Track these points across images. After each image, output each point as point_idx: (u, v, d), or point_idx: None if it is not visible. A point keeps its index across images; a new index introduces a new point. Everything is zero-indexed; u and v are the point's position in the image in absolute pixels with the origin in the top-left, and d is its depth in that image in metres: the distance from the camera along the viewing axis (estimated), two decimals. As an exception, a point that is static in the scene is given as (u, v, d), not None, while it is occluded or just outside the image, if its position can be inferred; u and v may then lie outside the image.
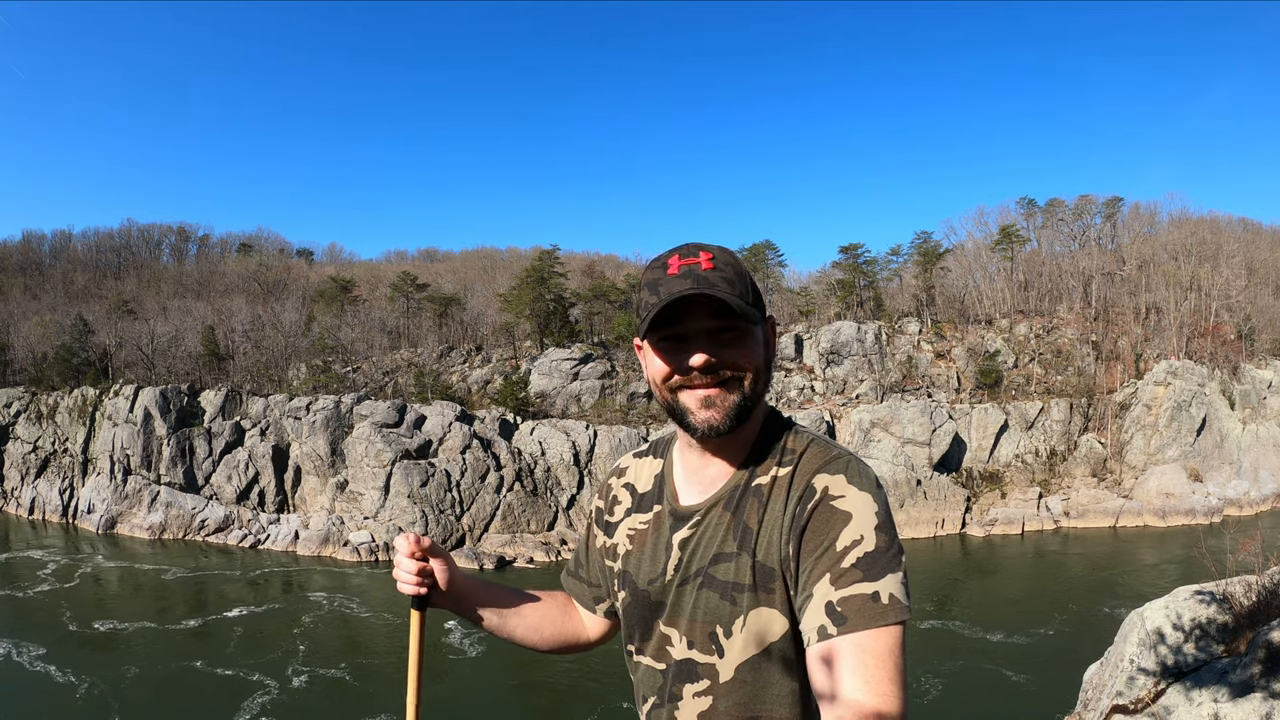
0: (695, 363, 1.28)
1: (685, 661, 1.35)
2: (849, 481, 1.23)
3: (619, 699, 21.37)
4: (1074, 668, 8.25)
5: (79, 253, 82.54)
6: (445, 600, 1.55)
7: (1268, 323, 52.61)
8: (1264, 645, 5.17)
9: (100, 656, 26.18)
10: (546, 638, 1.65)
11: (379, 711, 21.77)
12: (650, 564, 1.43)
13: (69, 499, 45.13)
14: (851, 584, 1.14)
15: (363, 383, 48.60)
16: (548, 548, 38.26)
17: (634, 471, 1.59)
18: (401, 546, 1.51)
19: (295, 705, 22.53)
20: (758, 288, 1.36)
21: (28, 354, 53.52)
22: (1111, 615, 26.26)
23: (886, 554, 1.16)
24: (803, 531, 1.22)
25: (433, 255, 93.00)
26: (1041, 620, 28.17)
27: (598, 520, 1.63)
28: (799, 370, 49.95)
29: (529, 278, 52.12)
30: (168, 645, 27.36)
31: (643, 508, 1.51)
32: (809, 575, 1.19)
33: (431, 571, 1.51)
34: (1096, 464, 44.17)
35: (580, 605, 1.70)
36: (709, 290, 1.24)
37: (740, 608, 1.28)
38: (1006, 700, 21.66)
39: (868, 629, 1.11)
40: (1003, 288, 56.51)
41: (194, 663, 25.61)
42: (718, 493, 1.37)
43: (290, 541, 39.62)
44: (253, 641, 27.64)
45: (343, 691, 23.45)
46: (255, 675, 24.56)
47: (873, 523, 1.18)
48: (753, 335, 1.33)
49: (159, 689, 23.72)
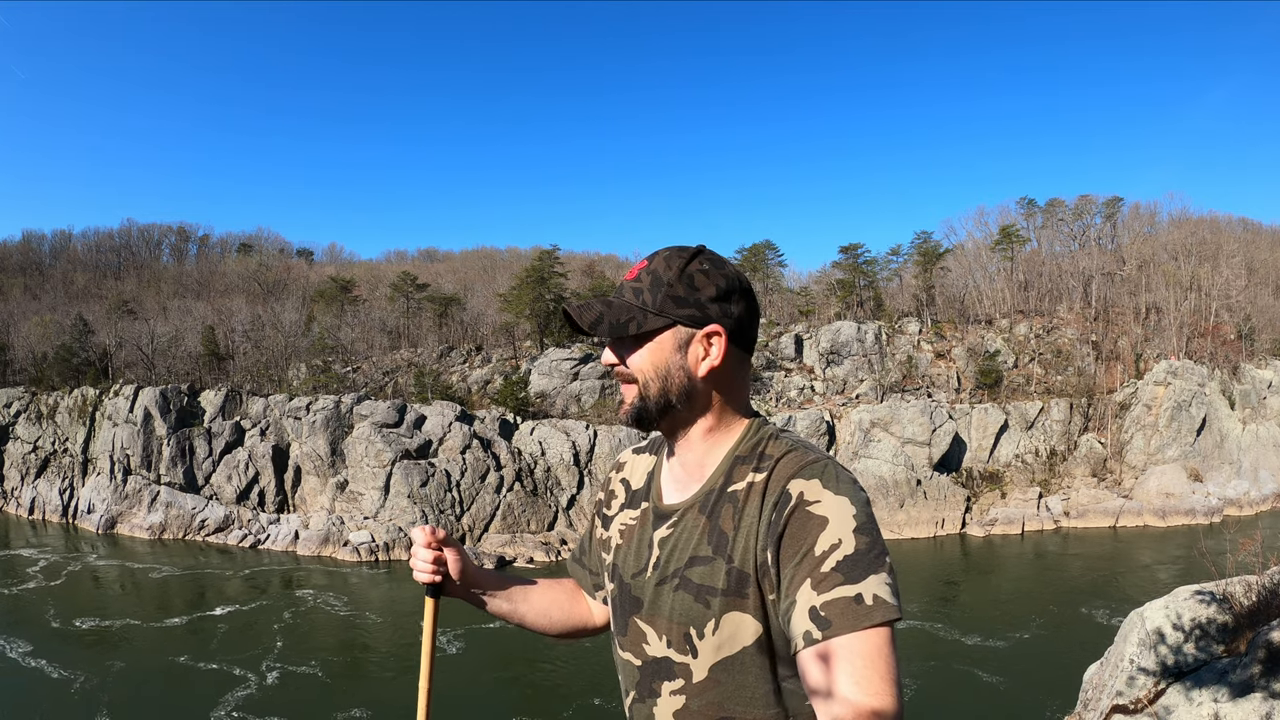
0: (603, 360, 1.46)
1: (663, 659, 1.38)
2: (824, 486, 1.23)
3: (592, 694, 21.41)
4: (1074, 668, 8.25)
5: (79, 253, 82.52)
6: (458, 589, 1.62)
7: (1268, 323, 52.62)
8: (1264, 645, 5.17)
9: (88, 652, 26.34)
10: (555, 622, 1.71)
11: (376, 707, 21.82)
12: (635, 560, 1.47)
13: (69, 499, 45.13)
14: (833, 588, 1.14)
15: (363, 383, 48.61)
16: (548, 548, 38.25)
17: (631, 467, 1.63)
18: (418, 537, 1.58)
19: (286, 700, 22.57)
20: (682, 293, 1.36)
21: (28, 354, 53.52)
22: (1111, 615, 26.30)
23: (867, 556, 1.16)
24: (780, 538, 1.22)
25: (433, 255, 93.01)
26: (1041, 620, 28.17)
27: (598, 512, 1.69)
28: (799, 370, 49.96)
29: (529, 278, 52.15)
30: (157, 642, 27.50)
31: (634, 503, 1.56)
32: (790, 582, 1.19)
33: (445, 561, 1.58)
34: (1096, 464, 44.18)
35: (583, 590, 1.76)
36: (571, 305, 1.41)
37: (713, 611, 1.29)
38: (1006, 700, 21.67)
39: (853, 631, 1.11)
40: (1003, 288, 56.52)
41: (179, 658, 25.84)
42: (694, 495, 1.40)
43: (290, 541, 39.62)
44: (241, 638, 27.71)
45: (337, 688, 23.47)
46: (238, 670, 24.72)
47: (850, 526, 1.18)
48: (652, 341, 1.38)
49: (146, 683, 23.91)
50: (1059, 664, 21.90)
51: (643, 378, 1.39)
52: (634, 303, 1.38)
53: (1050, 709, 18.32)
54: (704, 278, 1.37)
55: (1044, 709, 19.11)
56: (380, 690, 23.31)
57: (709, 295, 1.37)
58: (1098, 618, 27.47)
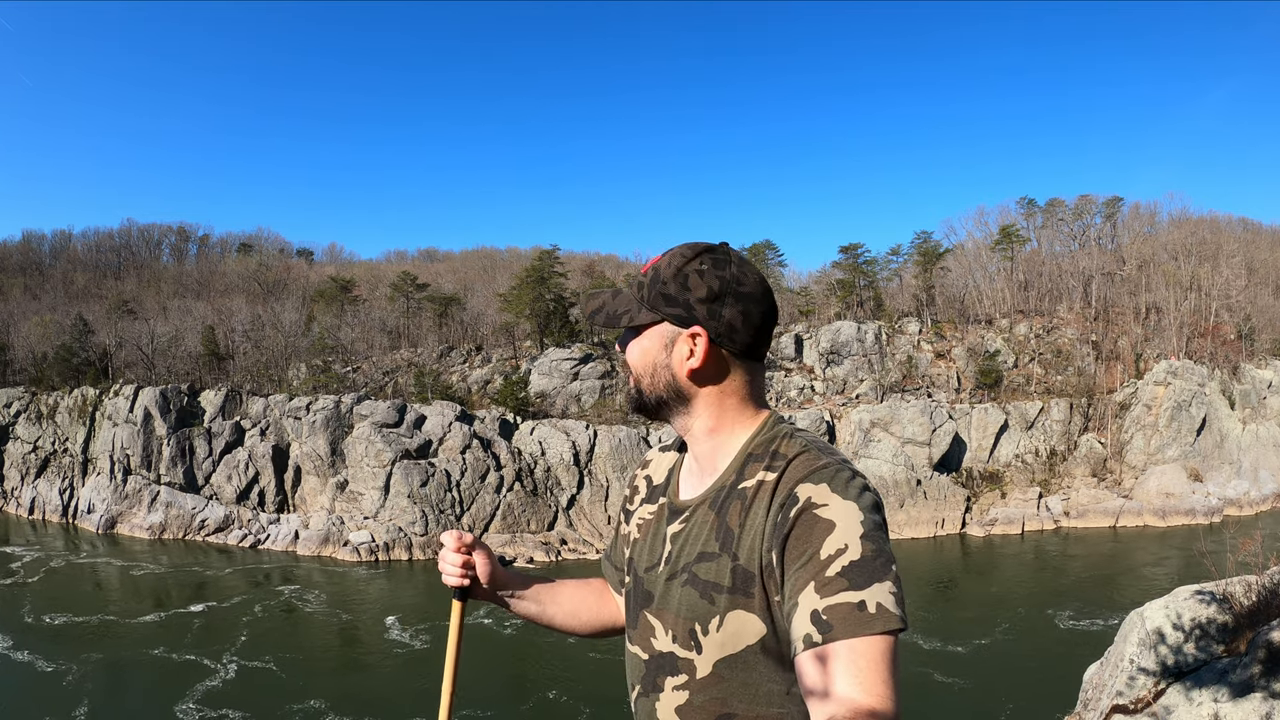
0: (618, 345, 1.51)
1: (668, 654, 1.38)
2: (833, 490, 1.22)
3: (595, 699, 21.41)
4: (1074, 668, 8.26)
5: (79, 253, 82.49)
6: (485, 592, 1.64)
7: (1268, 323, 52.62)
8: (1264, 645, 5.17)
9: (78, 649, 26.62)
10: (584, 623, 1.74)
11: (376, 707, 21.82)
12: (649, 554, 1.49)
13: (69, 499, 45.14)
14: (837, 593, 1.13)
15: (363, 383, 48.61)
16: (548, 547, 38.26)
17: (655, 464, 1.66)
18: (448, 542, 1.61)
19: (289, 700, 22.58)
20: (673, 292, 1.38)
21: (28, 354, 53.52)
22: (1111, 615, 26.27)
23: (873, 563, 1.14)
24: (785, 540, 1.22)
25: (433, 255, 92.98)
26: (1041, 620, 28.18)
27: (624, 508, 1.71)
28: (799, 370, 49.96)
29: (529, 278, 52.15)
30: (146, 637, 27.91)
31: (652, 498, 1.58)
32: (794, 584, 1.19)
33: (474, 564, 1.61)
34: (1096, 464, 44.18)
35: (612, 588, 1.77)
36: (589, 296, 1.51)
37: (718, 608, 1.30)
38: (1006, 700, 21.67)
39: (855, 637, 1.09)
40: (1003, 288, 56.52)
41: (154, 651, 26.42)
42: (706, 491, 1.41)
43: (290, 541, 39.63)
44: (241, 638, 27.89)
45: (339, 688, 23.48)
46: (238, 669, 25.00)
47: (858, 532, 1.17)
48: (646, 336, 1.43)
49: (117, 677, 24.42)
50: (1059, 664, 21.91)
51: (636, 374, 1.45)
52: (634, 296, 1.44)
53: (1050, 709, 18.30)
54: (698, 278, 1.37)
55: (1044, 709, 19.09)
56: (381, 690, 23.31)
57: (698, 296, 1.37)
58: (1098, 618, 27.47)
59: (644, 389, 1.44)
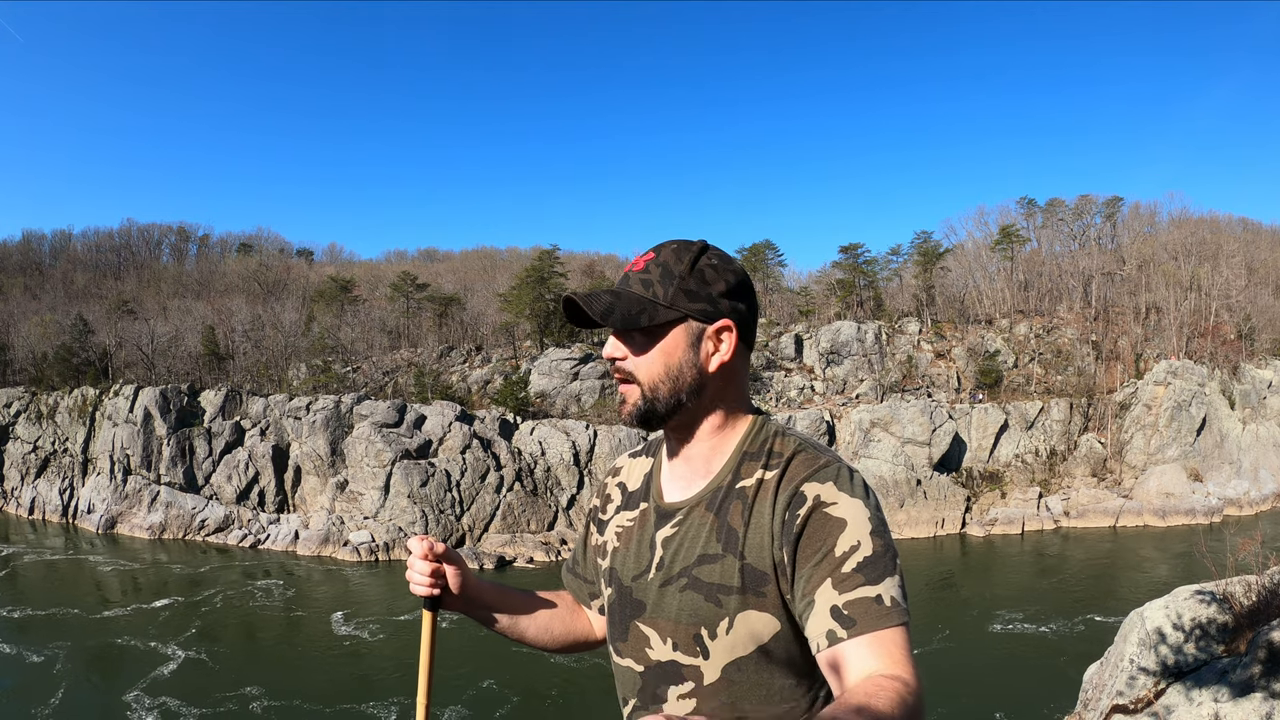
0: (605, 353, 1.42)
1: (669, 663, 1.35)
2: (839, 489, 1.25)
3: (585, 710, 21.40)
4: (1074, 668, 8.26)
5: (79, 253, 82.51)
6: (456, 602, 1.58)
7: (1268, 323, 52.61)
8: (1264, 645, 5.17)
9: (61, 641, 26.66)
10: (556, 637, 1.68)
11: (376, 706, 21.82)
12: (635, 561, 1.44)
13: (69, 499, 45.13)
14: (855, 588, 1.16)
15: (363, 383, 48.61)
16: (548, 548, 38.25)
17: (627, 470, 1.61)
18: (416, 549, 1.53)
19: (286, 699, 22.60)
20: (694, 287, 1.35)
21: (28, 354, 53.51)
22: (1111, 615, 26.27)
23: (884, 559, 1.19)
24: (797, 539, 1.23)
25: (433, 255, 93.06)
26: (1041, 620, 28.16)
27: (593, 518, 1.66)
28: (799, 370, 49.96)
29: (529, 278, 52.16)
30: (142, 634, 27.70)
31: (631, 505, 1.53)
32: (809, 582, 1.20)
33: (444, 574, 1.54)
34: (1096, 464, 44.17)
35: (579, 601, 1.72)
36: (578, 295, 1.39)
37: (726, 610, 1.28)
38: (1006, 700, 21.64)
39: (876, 630, 1.13)
40: (1003, 288, 56.52)
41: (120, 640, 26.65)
42: (700, 492, 1.39)
43: (290, 541, 39.62)
44: (236, 636, 27.91)
45: (336, 687, 23.49)
46: (234, 666, 24.91)
47: (868, 528, 1.21)
48: (665, 337, 1.36)
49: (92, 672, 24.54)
50: (1059, 664, 21.94)
51: (651, 379, 1.37)
52: (644, 295, 1.37)
53: (1050, 709, 18.29)
54: (714, 272, 1.37)
55: (1044, 709, 19.09)
56: (382, 690, 23.32)
57: (719, 290, 1.36)
58: (1098, 618, 27.45)
59: (662, 396, 1.36)
